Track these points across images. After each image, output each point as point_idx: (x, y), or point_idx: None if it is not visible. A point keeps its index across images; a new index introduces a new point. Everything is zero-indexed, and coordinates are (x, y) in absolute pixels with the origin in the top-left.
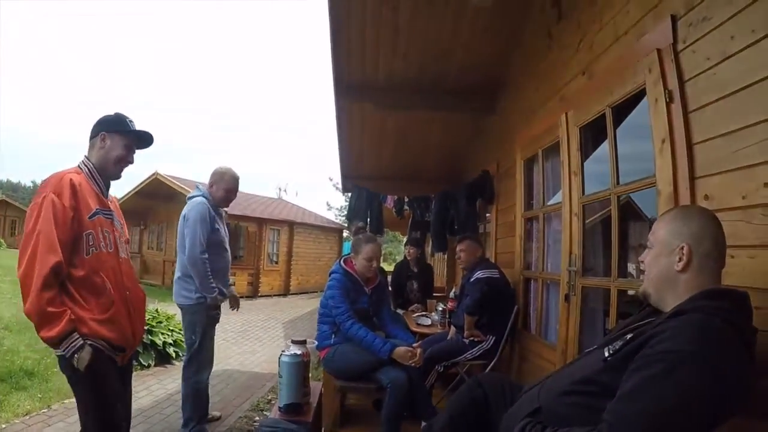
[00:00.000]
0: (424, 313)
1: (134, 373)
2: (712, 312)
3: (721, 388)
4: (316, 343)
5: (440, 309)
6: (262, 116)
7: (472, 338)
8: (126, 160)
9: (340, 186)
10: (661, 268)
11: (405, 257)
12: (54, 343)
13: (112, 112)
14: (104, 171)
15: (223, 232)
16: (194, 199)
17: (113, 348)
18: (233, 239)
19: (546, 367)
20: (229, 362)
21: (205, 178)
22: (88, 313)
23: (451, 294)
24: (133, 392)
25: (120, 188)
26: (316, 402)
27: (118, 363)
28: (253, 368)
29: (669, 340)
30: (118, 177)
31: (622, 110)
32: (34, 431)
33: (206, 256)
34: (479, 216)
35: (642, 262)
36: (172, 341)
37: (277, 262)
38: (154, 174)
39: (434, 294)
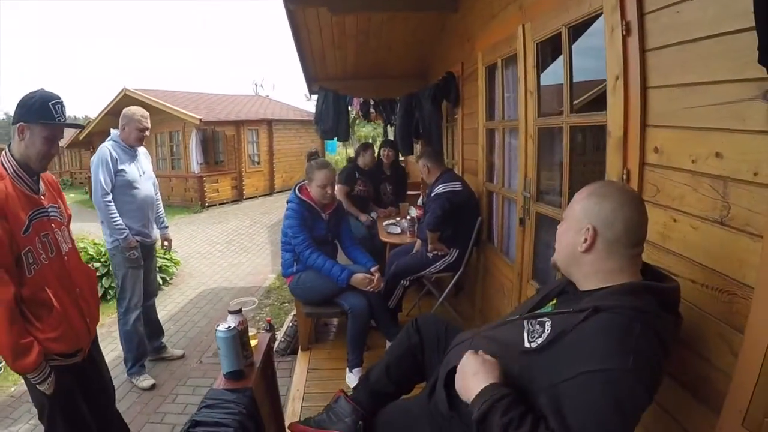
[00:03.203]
0: (393, 221)
1: None
2: (633, 315)
3: (647, 392)
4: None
5: (409, 216)
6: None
7: (435, 252)
8: (49, 154)
9: None
10: (567, 244)
11: (380, 159)
12: (28, 372)
13: (35, 93)
14: (28, 167)
15: (136, 171)
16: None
17: (69, 356)
18: (211, 145)
19: (506, 284)
20: (215, 279)
21: (183, 85)
22: (40, 333)
23: (419, 201)
24: None
25: (91, 110)
26: (260, 359)
27: (79, 359)
28: (239, 283)
29: (591, 356)
30: (44, 171)
31: (580, 33)
32: None
33: (108, 198)
34: (446, 118)
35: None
36: (157, 267)
37: (259, 163)
38: (122, 91)
39: (408, 192)
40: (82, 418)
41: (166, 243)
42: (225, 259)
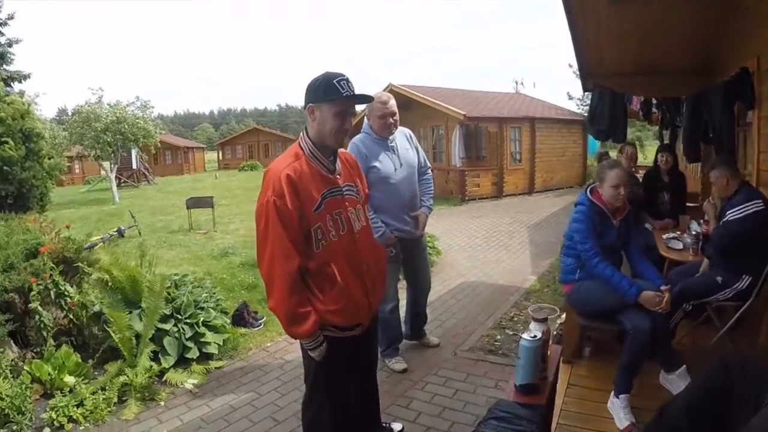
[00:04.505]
0: (675, 235)
1: None
2: None
3: None
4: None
5: (694, 232)
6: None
7: (723, 279)
8: (342, 129)
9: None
10: None
11: (656, 165)
12: (301, 338)
13: (320, 75)
14: (324, 146)
15: (391, 164)
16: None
17: (346, 329)
18: (473, 140)
19: None
20: (474, 273)
21: (444, 80)
22: (321, 305)
23: (706, 216)
24: None
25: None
26: (553, 374)
27: (356, 333)
28: (498, 280)
29: None
30: (339, 146)
31: None
32: None
33: None
34: (737, 121)
35: None
36: None
37: (520, 161)
38: (388, 86)
39: (687, 204)
40: (343, 388)
41: (416, 217)
42: (484, 254)
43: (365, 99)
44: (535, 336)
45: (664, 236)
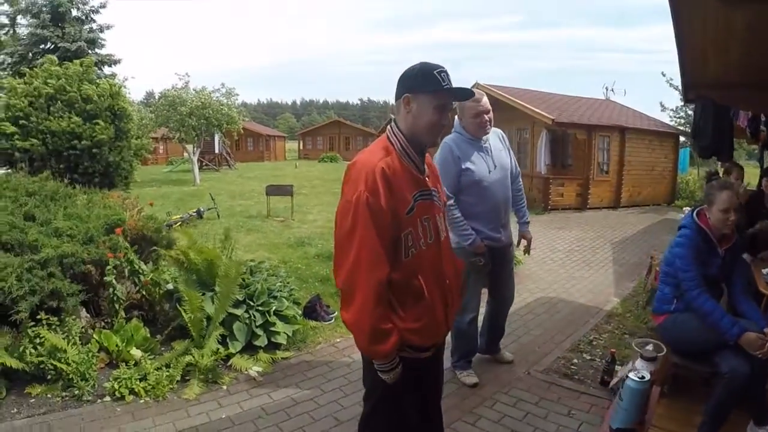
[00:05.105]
0: None
1: None
2: None
3: None
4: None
5: None
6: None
7: None
8: (439, 124)
9: (674, 83)
10: None
11: (760, 189)
12: (378, 359)
13: (416, 65)
14: (416, 141)
15: (485, 166)
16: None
17: (422, 350)
18: (559, 147)
19: None
20: (554, 288)
21: (518, 80)
22: (401, 322)
23: None
24: None
25: None
26: (650, 418)
27: (430, 354)
28: (578, 298)
29: None
30: (433, 145)
31: None
32: None
33: (451, 202)
34: None
35: None
36: None
37: (607, 172)
38: (474, 84)
39: None
40: (406, 415)
41: (524, 242)
42: (564, 269)
43: (466, 94)
44: (643, 377)
45: (764, 271)
